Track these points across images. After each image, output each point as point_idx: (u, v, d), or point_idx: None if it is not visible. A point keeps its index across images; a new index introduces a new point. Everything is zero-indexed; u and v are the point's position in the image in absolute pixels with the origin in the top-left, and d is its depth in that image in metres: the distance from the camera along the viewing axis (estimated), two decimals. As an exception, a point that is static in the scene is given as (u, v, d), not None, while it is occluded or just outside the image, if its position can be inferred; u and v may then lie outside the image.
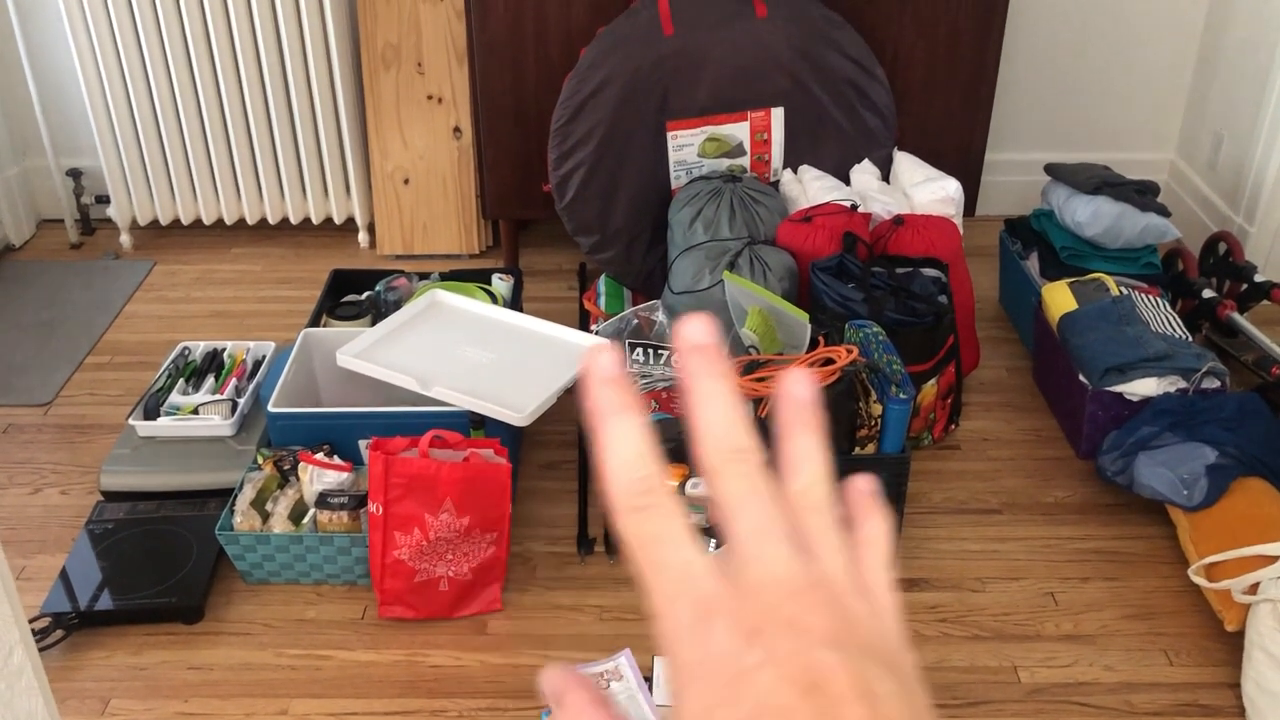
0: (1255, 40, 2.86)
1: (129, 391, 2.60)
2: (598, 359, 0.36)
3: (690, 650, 0.33)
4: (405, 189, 3.07)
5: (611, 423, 0.35)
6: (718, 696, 0.32)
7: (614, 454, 0.35)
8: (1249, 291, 2.63)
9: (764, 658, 0.32)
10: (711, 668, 0.33)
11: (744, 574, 0.34)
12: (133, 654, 1.92)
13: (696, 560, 0.34)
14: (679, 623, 0.34)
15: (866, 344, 2.11)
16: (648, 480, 0.35)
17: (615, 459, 0.35)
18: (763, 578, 0.34)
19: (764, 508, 0.35)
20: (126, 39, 2.89)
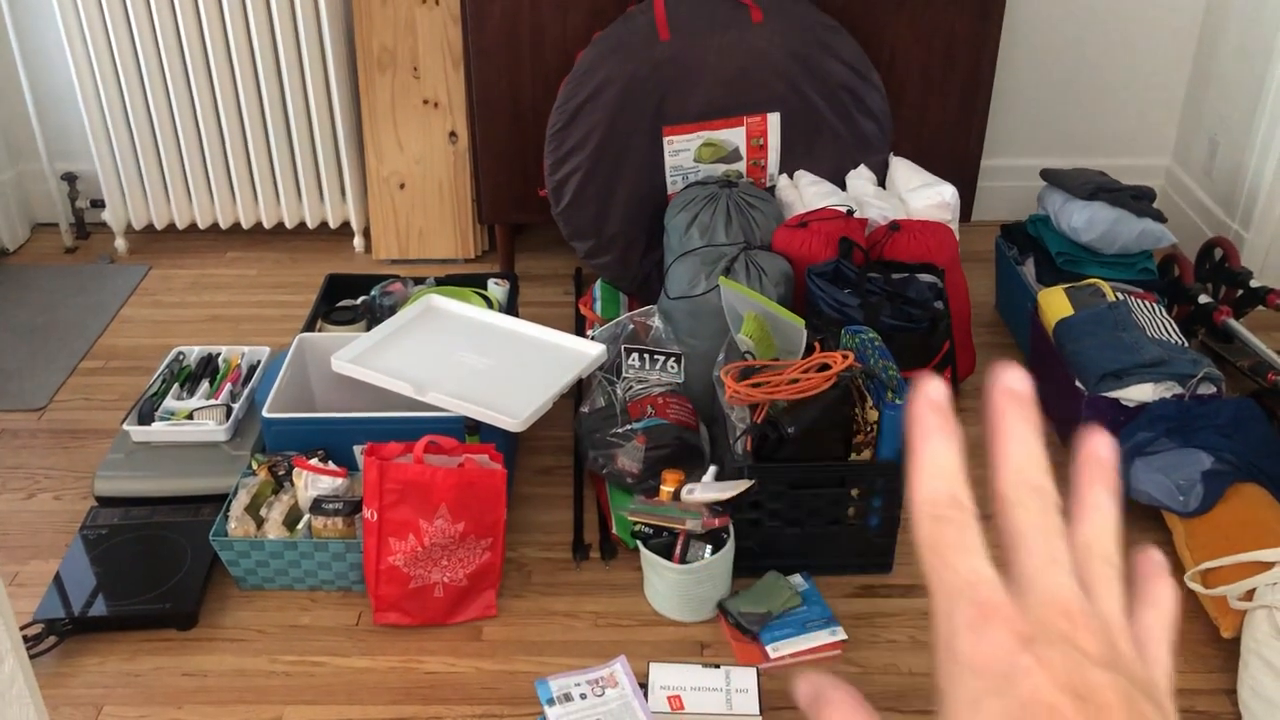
0: (1250, 47, 2.86)
1: (123, 396, 2.59)
2: (928, 386, 0.40)
3: (965, 646, 0.36)
4: (401, 193, 3.06)
5: (931, 441, 0.39)
6: (988, 687, 0.35)
7: (926, 467, 0.39)
8: (1245, 297, 2.63)
9: (1037, 663, 0.35)
10: (984, 663, 0.35)
11: (1026, 592, 0.37)
12: (126, 660, 1.91)
13: (984, 570, 0.37)
14: (958, 621, 0.36)
15: (862, 349, 2.11)
16: (954, 496, 0.38)
17: (926, 471, 0.39)
18: (1043, 598, 0.37)
19: (1053, 541, 0.38)
20: (121, 43, 2.89)
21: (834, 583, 2.06)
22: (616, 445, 2.19)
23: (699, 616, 1.98)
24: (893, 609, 2.01)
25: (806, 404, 1.96)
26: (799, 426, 1.94)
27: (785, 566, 2.06)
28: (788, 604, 1.98)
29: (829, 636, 1.93)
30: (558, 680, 1.82)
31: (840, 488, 2.00)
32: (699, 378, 2.34)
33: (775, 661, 1.89)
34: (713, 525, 1.94)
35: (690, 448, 2.20)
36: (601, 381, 2.32)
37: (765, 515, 2.02)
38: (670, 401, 2.25)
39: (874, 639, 1.95)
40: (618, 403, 2.27)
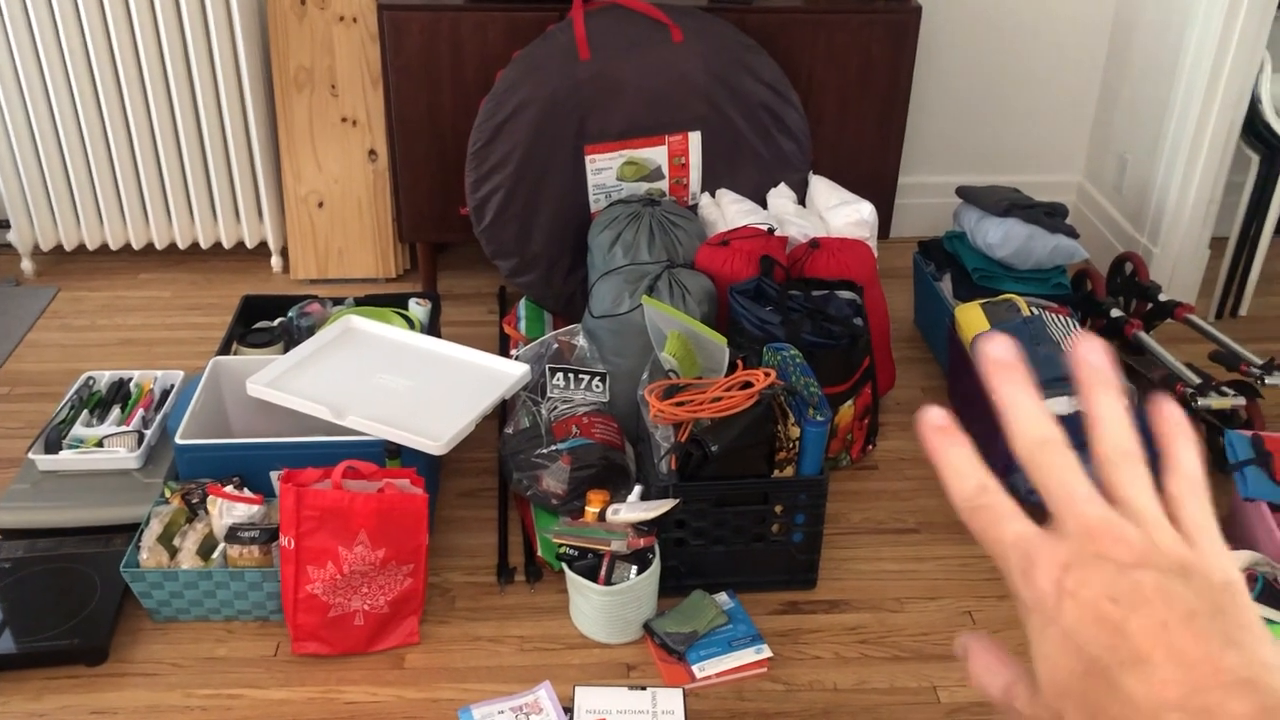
0: (1155, 68, 2.95)
1: (29, 424, 2.51)
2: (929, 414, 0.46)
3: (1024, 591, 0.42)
4: (319, 212, 3.02)
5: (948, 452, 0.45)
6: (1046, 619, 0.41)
7: (951, 473, 0.45)
8: (1154, 310, 2.70)
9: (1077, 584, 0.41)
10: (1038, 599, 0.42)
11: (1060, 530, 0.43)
12: (31, 699, 1.84)
13: (1024, 528, 0.43)
14: (1014, 575, 0.43)
15: (784, 367, 2.12)
16: (980, 484, 0.45)
17: (953, 476, 0.45)
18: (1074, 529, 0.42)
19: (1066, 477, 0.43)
20: (25, 55, 2.81)
21: (759, 600, 2.06)
22: (541, 466, 2.18)
23: (625, 638, 1.97)
24: (817, 625, 2.02)
25: (729, 422, 1.96)
26: (722, 444, 1.94)
27: (710, 585, 2.06)
28: (713, 623, 1.98)
29: (755, 654, 1.93)
30: (481, 708, 1.79)
31: (763, 504, 2.01)
32: (624, 396, 2.33)
33: (701, 681, 1.89)
34: (638, 545, 1.93)
35: (616, 467, 2.19)
36: (526, 402, 2.30)
37: (690, 534, 2.02)
38: (595, 421, 2.24)
39: (799, 655, 1.95)
40: (542, 423, 2.25)
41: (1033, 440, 0.44)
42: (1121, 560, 0.40)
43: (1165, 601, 0.39)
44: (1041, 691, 0.42)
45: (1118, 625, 0.39)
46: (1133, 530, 0.41)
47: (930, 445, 0.46)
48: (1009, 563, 0.43)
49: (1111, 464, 0.44)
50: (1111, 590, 0.40)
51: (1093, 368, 0.45)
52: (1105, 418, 0.44)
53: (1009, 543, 0.43)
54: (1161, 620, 0.39)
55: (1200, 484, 0.45)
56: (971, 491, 0.44)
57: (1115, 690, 0.39)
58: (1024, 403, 0.44)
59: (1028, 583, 0.42)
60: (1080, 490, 0.43)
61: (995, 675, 0.45)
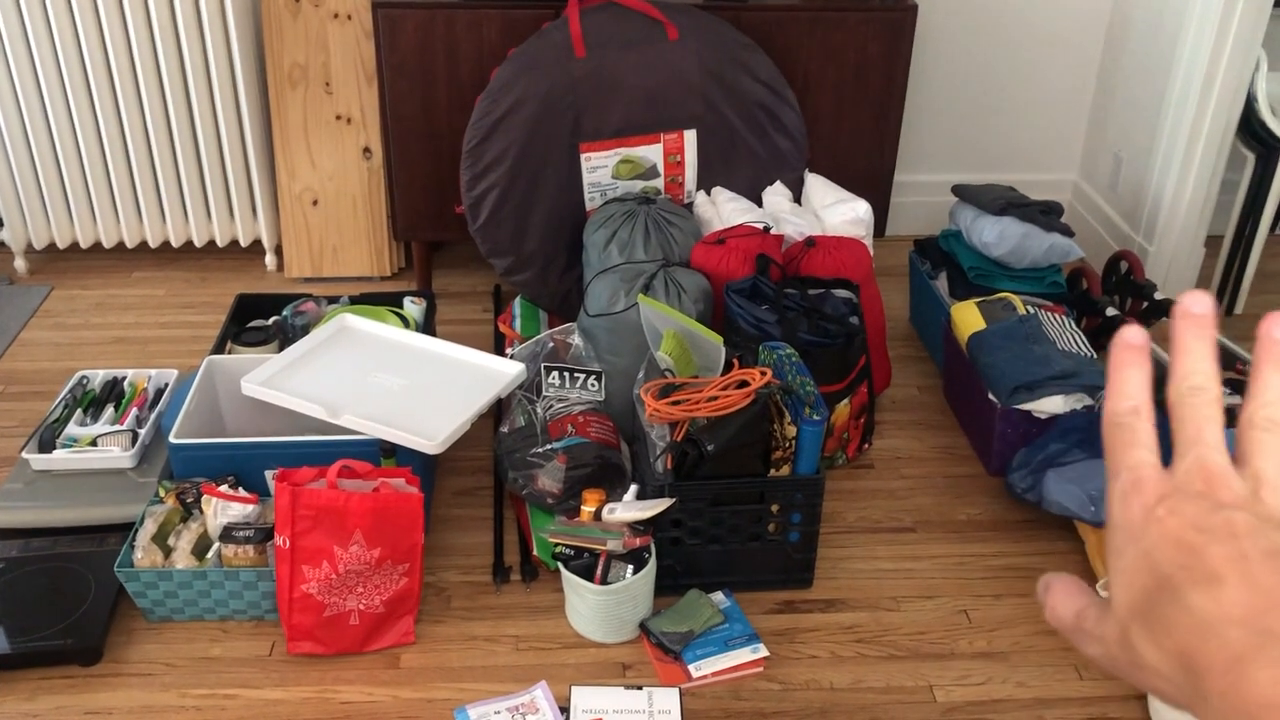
0: (1150, 66, 2.95)
1: (23, 423, 2.50)
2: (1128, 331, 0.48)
3: (1118, 511, 0.45)
4: (314, 210, 3.01)
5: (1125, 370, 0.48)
6: (1130, 537, 0.44)
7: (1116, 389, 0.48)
8: (1150, 309, 2.70)
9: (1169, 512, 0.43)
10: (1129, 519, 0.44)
11: (1174, 467, 0.45)
12: (25, 700, 1.84)
13: (1145, 459, 0.46)
14: (1115, 494, 0.46)
15: (780, 365, 2.12)
16: (1135, 408, 0.47)
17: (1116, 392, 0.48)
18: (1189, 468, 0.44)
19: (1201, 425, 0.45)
20: (18, 52, 2.80)
21: (755, 599, 2.06)
22: (537, 465, 2.17)
23: (621, 637, 1.96)
24: (813, 624, 2.02)
25: (725, 421, 1.96)
26: (718, 444, 1.94)
27: (706, 584, 2.05)
28: (709, 622, 1.97)
29: (751, 654, 1.93)
30: (477, 708, 1.79)
31: (760, 504, 2.01)
32: (620, 395, 2.33)
33: (698, 681, 1.88)
34: (634, 545, 1.93)
35: (612, 466, 2.18)
36: (521, 401, 2.30)
37: (686, 533, 2.01)
38: (591, 420, 2.24)
39: (795, 654, 1.95)
40: (538, 422, 2.25)
41: (1189, 385, 0.46)
42: (1222, 500, 0.42)
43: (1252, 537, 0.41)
44: (1113, 609, 0.44)
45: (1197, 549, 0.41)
46: (1242, 484, 0.43)
47: (1116, 357, 0.48)
48: (1119, 482, 0.45)
49: (1254, 425, 0.45)
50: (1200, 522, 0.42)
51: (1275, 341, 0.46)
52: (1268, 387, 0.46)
53: (1129, 464, 0.45)
54: (1243, 551, 0.40)
55: None
56: (1125, 410, 0.47)
57: (1181, 603, 0.41)
58: (1199, 351, 0.46)
59: (1124, 504, 0.45)
60: (1211, 438, 0.45)
61: (1070, 601, 0.48)
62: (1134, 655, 0.43)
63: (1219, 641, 0.39)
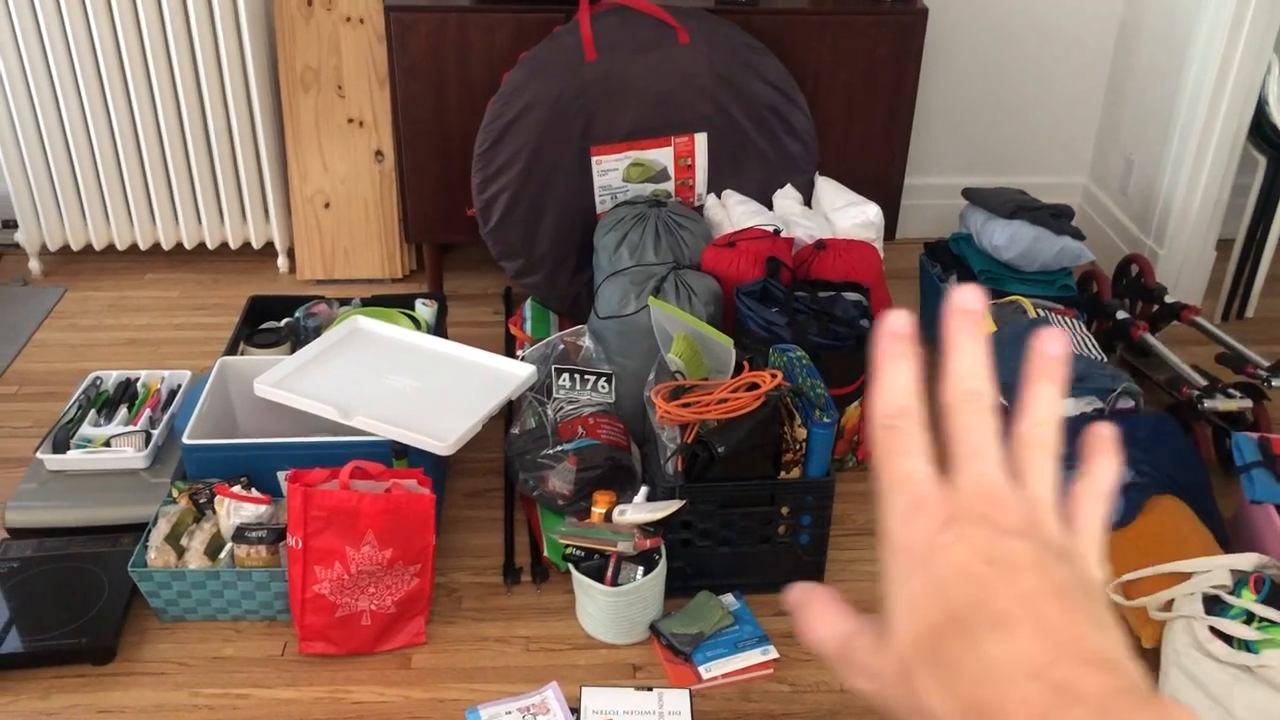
0: (1161, 68, 2.95)
1: (37, 423, 2.52)
2: (892, 317, 0.44)
3: (898, 533, 0.41)
4: (326, 213, 3.02)
5: (891, 363, 0.43)
6: (914, 562, 0.40)
7: (884, 385, 0.43)
8: (1160, 312, 2.69)
9: (956, 538, 0.40)
10: (912, 545, 0.40)
11: (955, 483, 0.41)
12: (40, 698, 1.85)
13: (923, 469, 0.42)
14: (894, 512, 0.41)
15: (790, 368, 2.12)
16: (905, 408, 0.43)
17: (884, 388, 0.43)
18: (968, 485, 0.41)
19: (982, 437, 0.42)
20: (33, 57, 2.81)
21: (765, 601, 2.06)
22: (547, 467, 2.18)
23: (631, 638, 1.97)
24: (824, 626, 2.02)
25: (736, 423, 1.96)
26: (728, 446, 1.95)
27: (717, 586, 2.06)
28: (720, 624, 1.98)
29: (761, 655, 1.93)
30: (489, 708, 1.79)
31: (770, 506, 2.01)
32: (630, 397, 2.33)
33: (708, 682, 1.89)
34: (644, 546, 1.93)
35: (622, 468, 2.19)
36: (532, 402, 2.31)
37: (696, 535, 2.02)
38: (601, 422, 2.24)
39: (805, 656, 1.95)
40: (548, 424, 2.26)
41: (965, 390, 0.43)
42: (1005, 526, 0.40)
43: (1039, 572, 0.38)
44: (892, 640, 0.40)
45: (986, 585, 0.38)
46: (1024, 504, 0.41)
47: (880, 348, 0.44)
48: (895, 497, 0.42)
49: (1028, 443, 0.43)
50: (989, 551, 0.39)
51: (1049, 359, 0.44)
52: (1039, 402, 0.43)
53: (902, 476, 0.42)
54: (1032, 588, 0.38)
55: (1105, 499, 0.44)
56: (894, 410, 0.43)
57: (974, 648, 0.37)
58: (972, 352, 0.43)
59: (906, 524, 0.41)
60: (989, 451, 0.42)
61: (833, 624, 0.43)
62: (915, 699, 0.39)
63: (1019, 697, 0.36)
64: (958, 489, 0.41)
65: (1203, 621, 1.76)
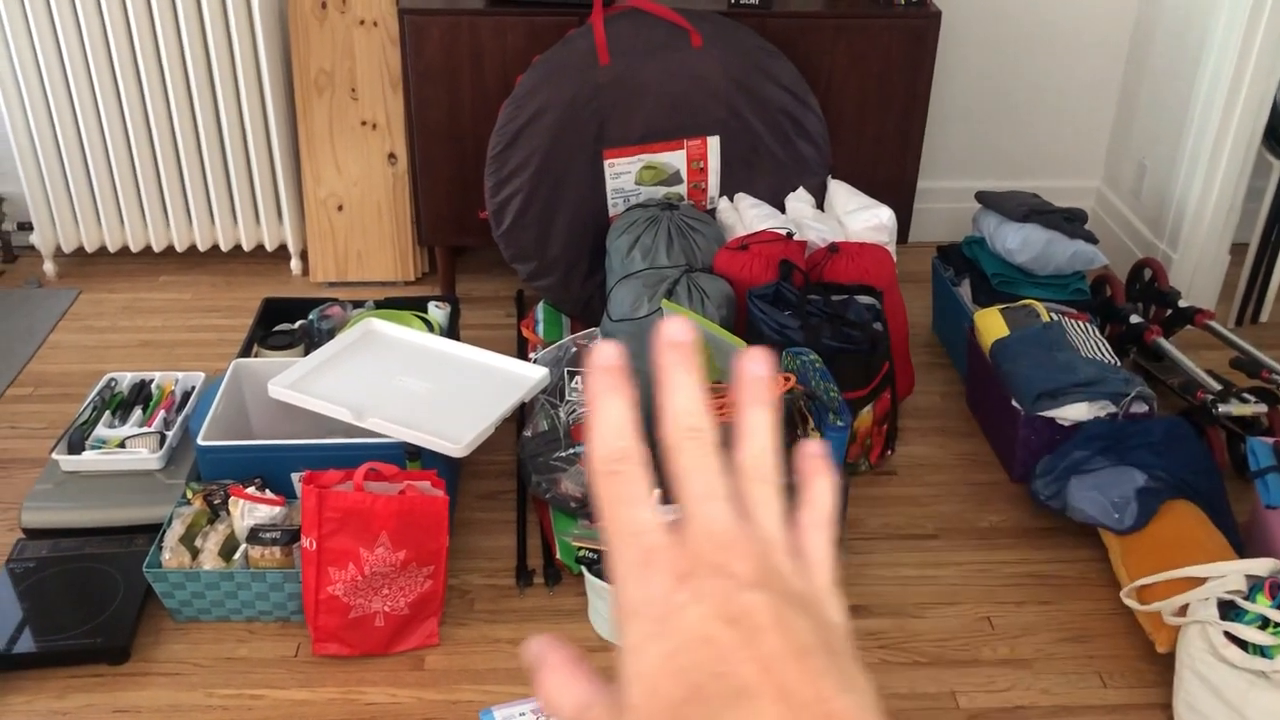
0: (1175, 72, 2.94)
1: (52, 424, 2.53)
2: (602, 352, 0.41)
3: (630, 592, 0.37)
4: (339, 215, 3.03)
5: (604, 400, 0.40)
6: (650, 630, 0.36)
7: (600, 425, 0.40)
8: (1174, 316, 2.69)
9: (691, 598, 0.36)
10: (646, 607, 0.37)
11: (685, 530, 0.38)
12: (56, 698, 1.86)
13: (650, 519, 0.38)
14: (624, 569, 0.38)
15: (804, 371, 2.12)
16: (625, 450, 0.39)
17: (600, 429, 0.40)
18: (699, 532, 0.38)
19: (710, 476, 0.39)
20: (49, 59, 2.83)
21: (778, 605, 2.06)
22: (560, 469, 2.18)
23: (644, 641, 1.97)
24: (836, 630, 2.02)
25: (749, 427, 1.96)
26: (742, 449, 1.94)
27: (729, 589, 2.06)
28: (732, 627, 1.98)
29: (774, 659, 1.93)
30: (503, 710, 1.79)
31: (783, 510, 2.01)
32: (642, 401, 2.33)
33: (720, 685, 1.88)
34: (657, 549, 1.93)
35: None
36: (544, 405, 2.31)
37: (709, 538, 2.02)
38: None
39: (818, 660, 1.95)
40: (561, 426, 2.26)
41: (685, 428, 0.40)
42: (741, 578, 0.36)
43: (780, 632, 0.35)
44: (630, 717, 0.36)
45: (728, 651, 0.35)
46: (757, 547, 0.38)
47: (592, 385, 0.40)
48: (622, 553, 0.38)
49: (747, 478, 0.40)
50: (727, 610, 0.36)
51: (755, 380, 0.42)
52: (753, 432, 0.41)
53: (631, 529, 0.38)
54: (773, 651, 0.35)
55: (830, 522, 0.42)
56: (615, 453, 0.39)
57: None
58: (687, 387, 0.40)
59: (637, 583, 0.37)
60: (718, 491, 0.39)
61: (570, 691, 0.39)
62: None
63: None
64: (689, 538, 0.38)
65: (1217, 627, 1.76)
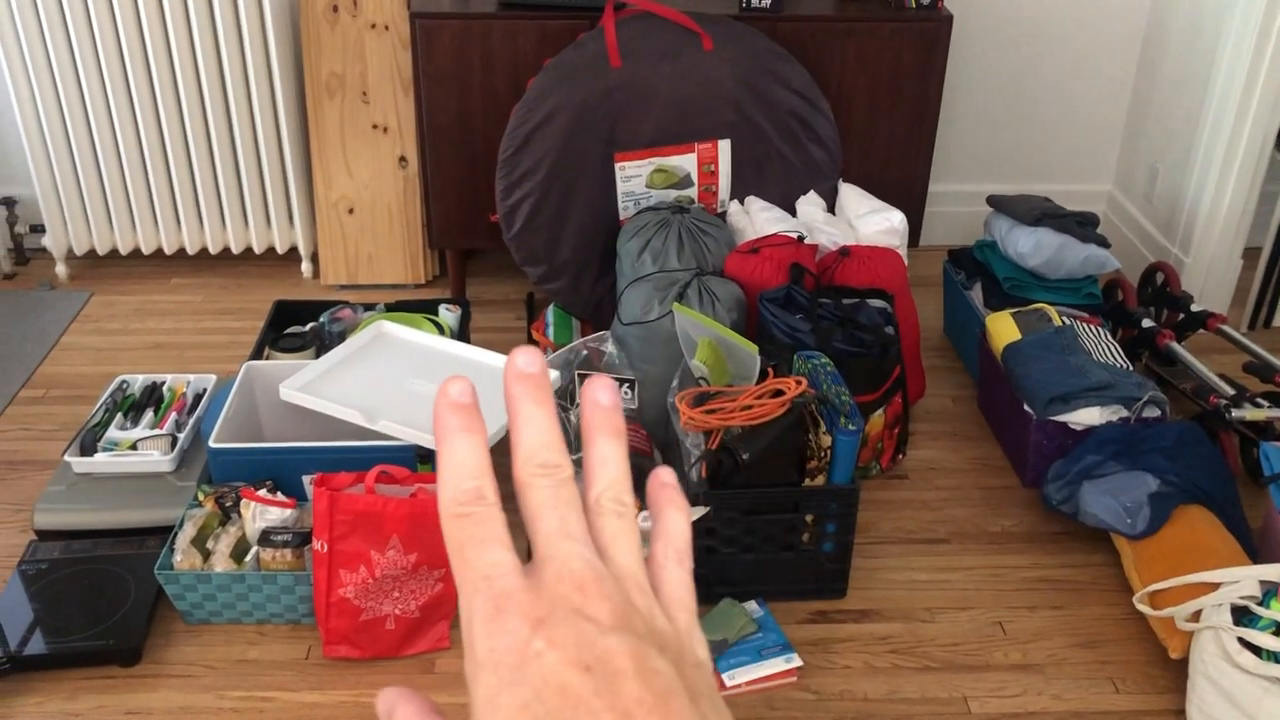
0: (1187, 76, 2.93)
1: (64, 426, 2.54)
2: (450, 385, 0.39)
3: (483, 641, 0.35)
4: (350, 218, 3.03)
5: (452, 439, 0.38)
6: (504, 681, 0.34)
7: (447, 466, 0.38)
8: (1186, 321, 2.68)
9: (548, 644, 0.34)
10: (500, 656, 0.34)
11: (539, 572, 0.36)
12: (67, 699, 1.86)
13: (503, 562, 0.36)
14: (475, 616, 0.35)
15: (815, 375, 2.12)
16: (476, 490, 0.37)
17: (448, 470, 0.38)
18: (554, 574, 0.36)
19: (563, 513, 0.37)
20: (62, 62, 2.84)
21: (788, 609, 2.06)
22: (570, 473, 2.18)
23: (654, 645, 1.96)
24: (847, 634, 2.01)
25: (761, 430, 1.96)
26: (753, 453, 1.94)
27: (740, 593, 2.06)
28: (743, 631, 1.97)
29: (784, 664, 1.93)
30: (513, 713, 1.79)
31: (794, 513, 2.01)
32: (653, 404, 2.33)
33: (731, 690, 1.88)
34: (668, 553, 1.93)
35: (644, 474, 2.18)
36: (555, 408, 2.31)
37: (720, 542, 2.01)
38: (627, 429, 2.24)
39: (829, 665, 1.95)
40: (571, 429, 2.26)
41: (538, 465, 0.38)
42: (600, 621, 0.35)
43: (640, 677, 0.34)
44: None
45: (584, 700, 0.33)
46: (617, 588, 0.36)
47: (440, 423, 0.38)
48: (475, 598, 0.36)
49: (602, 513, 0.39)
50: (585, 656, 0.34)
51: (601, 409, 0.40)
52: (604, 463, 0.40)
53: (483, 573, 0.36)
54: (633, 699, 0.33)
55: (686, 554, 0.40)
56: (466, 494, 0.37)
57: None
58: (539, 421, 0.39)
59: (490, 631, 0.35)
60: (575, 529, 0.37)
61: None
62: None
63: None
64: (544, 580, 0.36)
65: (1231, 633, 1.75)
